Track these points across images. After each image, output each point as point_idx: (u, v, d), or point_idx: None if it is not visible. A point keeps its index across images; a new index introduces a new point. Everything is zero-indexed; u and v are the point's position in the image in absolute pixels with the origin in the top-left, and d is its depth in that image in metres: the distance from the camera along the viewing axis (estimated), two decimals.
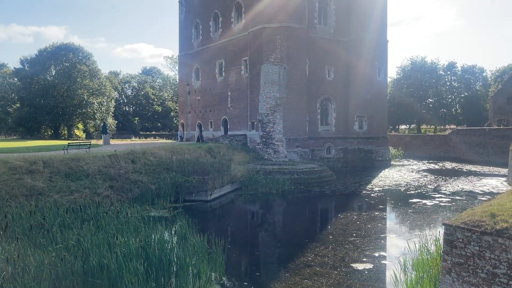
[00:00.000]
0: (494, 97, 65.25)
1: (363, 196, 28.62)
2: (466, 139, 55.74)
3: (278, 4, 40.59)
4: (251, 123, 43.46)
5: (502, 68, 79.56)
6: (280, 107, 40.85)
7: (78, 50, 70.20)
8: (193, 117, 56.33)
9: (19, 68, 69.87)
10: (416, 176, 39.23)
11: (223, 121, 49.90)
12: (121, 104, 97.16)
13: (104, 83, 72.84)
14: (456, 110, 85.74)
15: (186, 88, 57.79)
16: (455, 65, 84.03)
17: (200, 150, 34.72)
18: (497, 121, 62.63)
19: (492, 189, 30.86)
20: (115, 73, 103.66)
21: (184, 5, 57.51)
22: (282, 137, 40.79)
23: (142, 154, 28.09)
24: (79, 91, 66.16)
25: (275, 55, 40.94)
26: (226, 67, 49.22)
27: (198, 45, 55.04)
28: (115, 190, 22.35)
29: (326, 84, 46.93)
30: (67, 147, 28.79)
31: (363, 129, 48.24)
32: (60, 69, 67.12)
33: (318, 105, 46.62)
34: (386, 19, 49.81)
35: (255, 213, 25.28)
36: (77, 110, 67.58)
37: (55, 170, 21.46)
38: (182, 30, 58.20)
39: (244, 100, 45.25)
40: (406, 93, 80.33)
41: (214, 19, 51.67)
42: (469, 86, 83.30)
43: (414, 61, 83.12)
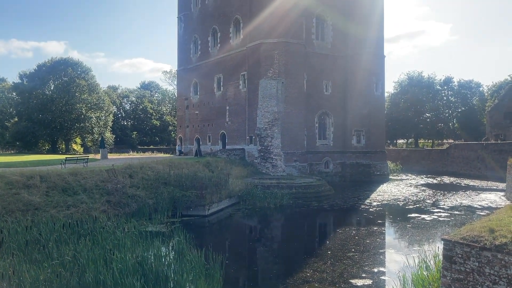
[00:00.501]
0: (491, 111, 65.55)
1: (362, 211, 28.50)
2: (464, 153, 55.84)
3: (276, 19, 41.00)
4: (249, 137, 43.50)
5: (499, 83, 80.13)
6: (278, 122, 40.95)
7: (77, 65, 70.55)
8: (191, 131, 56.38)
9: (18, 83, 70.06)
10: (415, 190, 39.16)
11: (221, 135, 49.94)
12: (119, 118, 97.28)
13: (103, 97, 73.04)
14: (453, 125, 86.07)
15: (184, 103, 57.96)
16: (451, 80, 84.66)
17: (198, 164, 34.66)
18: (495, 135, 62.81)
19: (490, 204, 30.80)
20: (114, 88, 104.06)
21: (183, 21, 58.05)
22: (280, 151, 40.80)
23: (139, 168, 28.02)
24: (77, 106, 66.28)
25: (273, 70, 41.21)
26: (224, 81, 49.47)
27: (196, 60, 55.40)
28: (112, 205, 22.21)
29: (324, 98, 47.15)
30: (64, 162, 28.71)
31: (361, 143, 48.33)
32: (59, 84, 67.32)
33: (316, 120, 46.75)
34: (382, 34, 50.33)
35: (253, 228, 25.12)
36: (75, 125, 67.58)
37: (52, 184, 21.35)
38: (181, 45, 58.64)
39: (242, 114, 45.37)
40: (403, 107, 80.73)
41: (213, 34, 52.11)
42: (466, 101, 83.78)
43: (411, 76, 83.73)
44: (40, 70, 68.17)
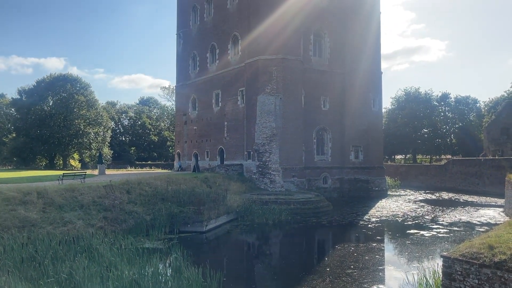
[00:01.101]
0: (488, 127, 65.83)
1: (360, 227, 28.36)
2: (462, 169, 55.86)
3: (274, 36, 41.40)
4: (248, 153, 43.50)
5: (495, 99, 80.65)
6: (276, 137, 41.01)
7: (76, 81, 70.83)
8: (189, 146, 56.38)
9: (17, 99, 70.19)
10: (413, 206, 39.04)
11: (219, 150, 49.92)
12: (117, 134, 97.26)
13: (101, 113, 73.15)
14: (451, 140, 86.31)
15: (182, 118, 58.09)
16: (448, 96, 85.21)
17: (196, 180, 34.55)
18: (492, 151, 62.95)
19: (489, 220, 30.71)
20: (112, 104, 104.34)
21: (182, 38, 58.58)
22: (279, 166, 40.75)
23: (137, 184, 27.91)
24: (75, 121, 66.33)
25: (271, 86, 41.43)
26: (222, 97, 49.70)
27: (195, 76, 55.74)
28: (109, 221, 22.06)
29: (321, 114, 47.33)
30: (62, 178, 28.58)
31: (359, 159, 48.35)
32: (58, 100, 67.47)
33: (314, 135, 46.85)
34: (379, 51, 50.84)
35: (251, 245, 24.93)
36: (73, 140, 67.50)
37: (49, 201, 21.22)
38: (180, 61, 59.06)
39: (241, 129, 45.45)
40: (401, 123, 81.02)
41: (211, 50, 52.54)
42: (463, 116, 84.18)
43: (408, 92, 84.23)
44: (39, 86, 68.39)
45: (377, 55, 50.41)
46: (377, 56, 50.40)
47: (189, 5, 57.43)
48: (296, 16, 42.14)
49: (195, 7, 56.24)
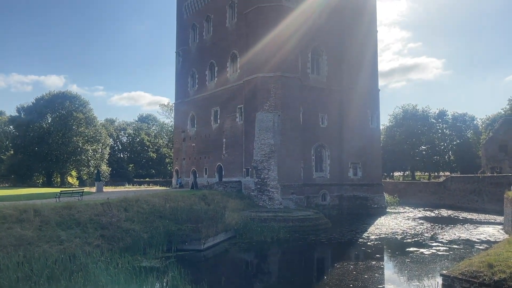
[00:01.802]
0: (485, 144, 66.04)
1: (360, 245, 28.15)
2: (461, 186, 55.77)
3: (272, 54, 41.79)
4: (246, 170, 43.41)
5: (492, 116, 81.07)
6: (274, 154, 41.01)
7: (75, 98, 71.10)
8: (188, 163, 56.29)
9: (15, 116, 70.32)
10: (412, 224, 38.84)
11: (217, 167, 49.84)
12: (115, 151, 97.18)
13: (100, 130, 73.23)
14: (449, 157, 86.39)
15: (181, 135, 58.17)
16: (445, 113, 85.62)
17: (194, 197, 34.38)
18: (490, 168, 63.00)
19: (489, 237, 30.53)
20: (111, 121, 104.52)
21: (181, 56, 59.10)
22: (277, 183, 40.63)
23: (135, 201, 27.75)
24: (74, 139, 66.32)
25: (269, 103, 41.62)
26: (221, 114, 49.87)
27: (194, 93, 56.03)
28: (106, 239, 21.85)
29: (320, 131, 47.46)
30: (59, 195, 28.42)
31: (358, 176, 48.28)
32: (56, 117, 67.59)
33: (313, 152, 46.88)
34: (376, 69, 51.31)
35: (250, 263, 24.69)
36: (71, 157, 67.37)
37: (45, 218, 21.05)
38: (179, 79, 59.46)
39: (239, 146, 45.46)
40: (399, 140, 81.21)
41: (210, 68, 52.95)
42: (460, 133, 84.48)
43: (406, 109, 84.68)
44: (38, 103, 68.60)
45: (375, 73, 50.86)
46: (375, 73, 50.85)
47: (188, 24, 58.12)
48: (294, 34, 42.65)
49: (195, 25, 56.90)
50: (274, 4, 42.31)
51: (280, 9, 42.25)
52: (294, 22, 42.66)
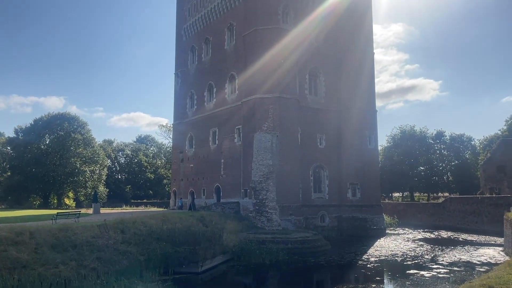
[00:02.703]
0: (484, 165, 66.09)
1: (359, 267, 27.81)
2: (460, 207, 55.52)
3: (270, 75, 42.12)
4: (244, 191, 43.20)
5: (490, 137, 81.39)
6: (273, 175, 40.88)
7: (74, 119, 71.25)
8: (186, 184, 56.04)
9: (13, 137, 70.31)
10: (412, 245, 38.49)
11: (216, 188, 49.61)
12: (113, 172, 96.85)
13: (98, 151, 73.15)
14: (447, 178, 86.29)
15: (179, 156, 58.09)
16: (443, 134, 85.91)
17: (191, 218, 34.08)
18: (489, 189, 62.87)
19: (489, 260, 30.22)
20: (109, 142, 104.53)
21: (180, 77, 59.57)
22: (275, 204, 40.37)
23: (132, 223, 27.49)
24: (72, 160, 66.15)
25: (267, 124, 41.73)
26: (219, 135, 49.94)
27: (192, 114, 56.23)
28: (103, 262, 21.54)
29: (318, 151, 47.46)
30: (55, 217, 28.14)
31: (357, 196, 48.05)
32: (54, 138, 67.59)
33: (311, 173, 46.77)
34: (374, 90, 51.70)
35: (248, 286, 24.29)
36: (68, 179, 67.04)
37: (41, 241, 20.79)
38: (177, 100, 59.79)
39: (237, 167, 45.36)
40: (397, 161, 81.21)
41: (209, 89, 53.30)
42: (458, 154, 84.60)
43: (404, 130, 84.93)
44: (36, 124, 68.68)
45: (372, 94, 51.22)
46: (372, 94, 51.21)
47: (187, 46, 58.80)
48: (292, 55, 43.10)
49: (193, 47, 57.55)
50: (272, 27, 42.89)
51: (277, 31, 42.82)
52: (291, 44, 43.18)
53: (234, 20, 49.25)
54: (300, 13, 46.17)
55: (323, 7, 48.78)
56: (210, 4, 53.53)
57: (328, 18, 49.15)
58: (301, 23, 45.77)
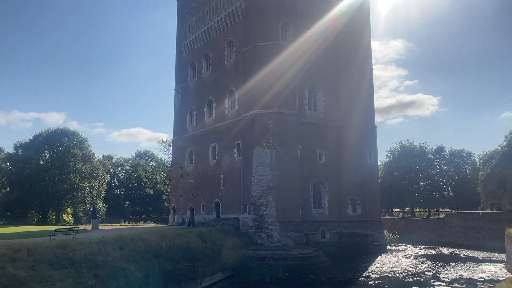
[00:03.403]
0: (484, 181, 65.97)
1: (360, 284, 27.49)
2: (461, 223, 55.21)
3: (270, 91, 42.29)
4: (244, 206, 42.98)
5: (489, 152, 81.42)
6: (272, 190, 40.71)
7: (73, 135, 71.24)
8: (185, 200, 55.78)
9: (12, 153, 70.19)
10: (414, 262, 38.14)
11: (215, 204, 49.37)
12: (112, 187, 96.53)
13: (97, 167, 72.96)
14: (448, 194, 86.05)
15: (179, 171, 57.97)
16: (443, 149, 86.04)
17: (190, 234, 33.78)
18: (490, 205, 62.63)
19: (491, 276, 29.90)
20: (109, 157, 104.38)
21: (180, 93, 59.86)
22: (275, 220, 40.09)
23: (130, 239, 27.21)
24: (71, 175, 65.91)
25: (267, 139, 41.74)
26: (219, 150, 49.93)
27: (192, 129, 56.33)
28: (100, 279, 21.25)
29: (318, 167, 47.38)
30: (53, 233, 27.92)
31: (357, 212, 47.79)
32: (54, 154, 67.47)
33: (311, 188, 46.61)
34: (373, 105, 51.92)
35: None
36: (67, 194, 66.68)
37: (39, 258, 20.56)
38: (177, 115, 59.97)
39: (237, 183, 45.22)
40: (397, 176, 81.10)
41: (208, 105, 53.49)
42: (458, 169, 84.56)
43: (403, 146, 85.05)
44: (36, 140, 68.65)
45: (371, 109, 51.41)
46: (371, 110, 51.40)
47: (187, 62, 59.24)
48: (291, 71, 43.35)
49: (194, 63, 57.98)
50: (271, 43, 43.25)
51: (277, 47, 43.16)
52: (291, 60, 43.49)
53: (234, 37, 49.73)
54: (299, 30, 46.64)
55: (321, 22, 49.31)
56: (210, 21, 54.12)
57: (326, 34, 49.64)
58: (300, 39, 46.17)
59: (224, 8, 51.50)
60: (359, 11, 51.32)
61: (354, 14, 50.76)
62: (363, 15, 52.17)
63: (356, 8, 51.04)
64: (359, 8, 51.44)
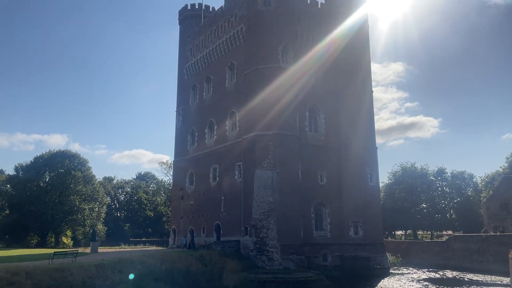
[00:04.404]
0: (486, 203, 65.56)
1: None
2: (464, 245, 54.51)
3: (270, 113, 42.49)
4: (245, 229, 42.57)
5: (491, 174, 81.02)
6: (273, 212, 40.39)
7: (74, 157, 71.36)
8: (186, 222, 55.34)
9: (13, 175, 70.17)
10: (417, 286, 37.56)
11: (216, 226, 48.94)
12: (112, 209, 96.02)
13: (98, 189, 72.81)
14: (450, 216, 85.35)
15: (179, 193, 57.71)
16: (444, 171, 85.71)
17: (191, 258, 33.44)
18: (493, 227, 62.04)
19: None
20: (110, 179, 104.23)
21: (181, 114, 60.17)
22: (276, 243, 39.63)
23: (130, 263, 26.96)
24: (71, 197, 65.69)
25: (268, 161, 41.67)
26: (220, 172, 49.82)
27: (193, 151, 56.36)
28: None
29: (319, 188, 47.11)
30: (52, 256, 27.63)
31: (359, 234, 47.25)
32: (54, 175, 67.44)
33: (312, 210, 46.24)
34: (373, 126, 52.02)
35: None
36: (67, 217, 66.33)
37: (37, 282, 20.33)
38: (178, 137, 60.12)
39: (238, 205, 44.93)
40: (399, 198, 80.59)
41: (209, 126, 53.68)
42: (460, 191, 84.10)
43: (405, 167, 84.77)
44: (37, 162, 68.73)
45: (372, 131, 51.47)
46: (372, 131, 51.46)
47: (189, 85, 59.76)
48: (291, 93, 43.65)
49: (195, 86, 58.48)
50: (272, 66, 43.69)
51: (277, 70, 43.57)
52: (291, 82, 43.83)
53: (235, 60, 50.29)
54: (299, 52, 47.12)
55: (321, 45, 49.85)
56: (211, 44, 54.85)
57: (326, 56, 50.00)
58: (300, 61, 46.59)
59: (225, 31, 52.27)
60: (358, 34, 51.86)
61: (353, 37, 51.28)
62: (362, 38, 52.73)
63: (355, 31, 51.60)
64: (359, 31, 52.00)
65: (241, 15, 49.26)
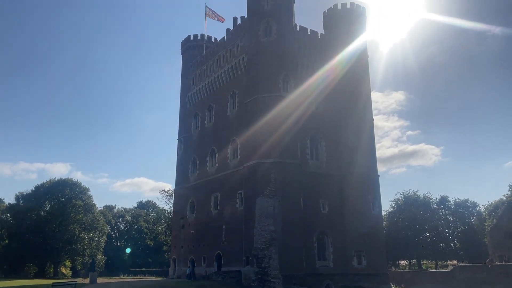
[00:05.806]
0: (491, 232, 64.74)
1: None
2: (470, 276, 53.40)
3: (272, 141, 42.63)
4: (246, 258, 41.92)
5: (494, 202, 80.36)
6: (275, 241, 39.84)
7: (75, 185, 71.19)
8: (186, 251, 54.59)
9: (13, 204, 69.81)
10: None
11: (216, 255, 48.22)
12: (112, 239, 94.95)
13: (98, 217, 72.29)
14: (455, 245, 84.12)
15: (180, 222, 57.19)
16: (447, 199, 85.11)
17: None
18: (498, 256, 61.02)
19: None
20: (110, 207, 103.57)
21: (183, 142, 60.40)
22: (278, 273, 38.92)
23: None
24: (71, 227, 65.14)
25: (269, 189, 41.45)
26: (221, 200, 49.54)
27: (194, 179, 56.22)
28: None
29: (321, 217, 46.66)
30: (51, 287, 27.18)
31: (362, 264, 46.44)
32: (55, 204, 67.11)
33: (315, 239, 45.65)
34: (375, 155, 51.94)
35: None
36: (66, 246, 65.52)
37: None
38: (180, 165, 60.12)
39: (239, 233, 44.39)
40: (402, 227, 79.69)
41: (211, 154, 53.74)
42: (464, 220, 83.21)
43: (407, 195, 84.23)
44: (38, 191, 68.55)
45: (373, 159, 51.39)
46: (373, 159, 51.37)
47: (191, 113, 60.24)
48: (293, 122, 43.85)
49: (197, 114, 58.94)
50: (273, 95, 44.13)
51: (278, 99, 43.98)
52: (292, 111, 44.10)
53: (237, 89, 50.90)
54: (299, 81, 47.64)
55: (321, 73, 50.49)
56: (214, 73, 55.66)
57: (326, 84, 50.52)
58: (300, 89, 47.01)
59: (227, 61, 53.13)
60: (357, 62, 52.42)
61: (353, 65, 51.87)
62: (361, 66, 53.28)
63: (354, 59, 52.25)
64: (358, 59, 52.59)
65: (242, 46, 50.20)
